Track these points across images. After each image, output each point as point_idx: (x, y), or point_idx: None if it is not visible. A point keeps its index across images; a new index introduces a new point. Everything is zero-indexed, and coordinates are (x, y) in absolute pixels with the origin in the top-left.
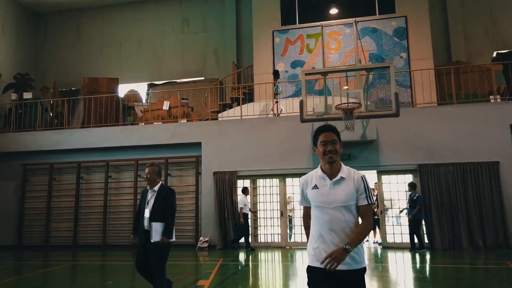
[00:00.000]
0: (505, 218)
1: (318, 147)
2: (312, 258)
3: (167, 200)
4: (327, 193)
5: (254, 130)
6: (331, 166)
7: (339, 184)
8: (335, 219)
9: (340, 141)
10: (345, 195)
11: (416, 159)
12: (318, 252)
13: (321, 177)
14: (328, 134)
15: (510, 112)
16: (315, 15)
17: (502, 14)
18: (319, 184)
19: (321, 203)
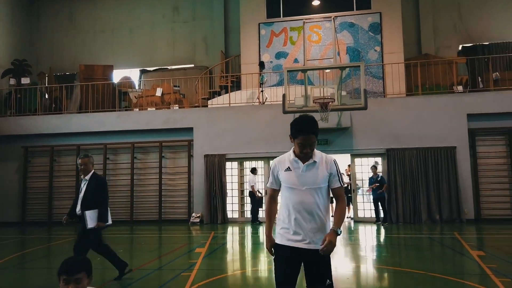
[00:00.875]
0: (459, 196)
1: (295, 145)
2: (281, 237)
3: (97, 188)
4: (300, 175)
5: (241, 117)
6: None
7: (311, 168)
8: (306, 200)
9: (317, 137)
10: (317, 178)
11: (384, 144)
12: (286, 232)
13: (294, 160)
14: (307, 138)
15: (467, 103)
16: (298, 9)
17: (469, 10)
18: (292, 167)
19: (293, 184)
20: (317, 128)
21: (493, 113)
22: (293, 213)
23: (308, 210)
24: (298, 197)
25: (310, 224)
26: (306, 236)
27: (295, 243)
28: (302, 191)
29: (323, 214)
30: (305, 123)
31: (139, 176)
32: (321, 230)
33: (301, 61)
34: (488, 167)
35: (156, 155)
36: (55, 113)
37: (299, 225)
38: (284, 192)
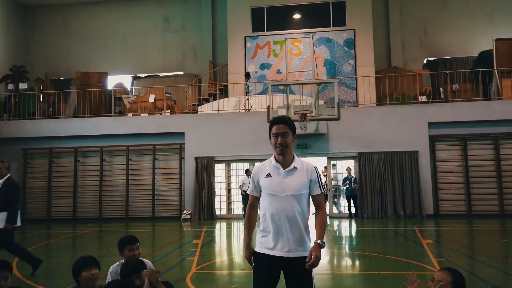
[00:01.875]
0: (421, 194)
1: (271, 139)
2: (260, 245)
3: (9, 192)
4: (280, 181)
5: (228, 123)
6: (284, 157)
7: (292, 174)
8: (285, 207)
9: (292, 133)
10: (297, 185)
11: (356, 148)
12: (266, 239)
13: (275, 166)
14: (279, 127)
15: (428, 112)
16: (281, 24)
17: (433, 27)
18: (273, 173)
19: (273, 191)
20: (291, 122)
21: (451, 122)
22: (273, 220)
23: (288, 217)
24: (278, 203)
25: (290, 231)
26: (286, 244)
27: (274, 251)
28: (283, 197)
29: (303, 221)
30: (277, 117)
31: (133, 176)
32: (301, 238)
33: (283, 72)
34: (446, 169)
35: (149, 157)
36: (54, 117)
37: (279, 233)
38: (264, 199)
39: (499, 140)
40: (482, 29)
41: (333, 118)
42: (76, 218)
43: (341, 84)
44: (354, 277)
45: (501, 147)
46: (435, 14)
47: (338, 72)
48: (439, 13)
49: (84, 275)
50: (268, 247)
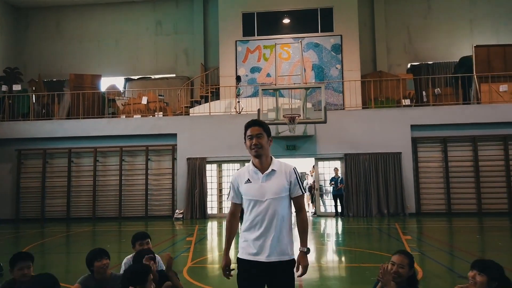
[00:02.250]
0: (403, 193)
1: (246, 142)
2: (242, 251)
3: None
4: (260, 186)
5: (220, 124)
6: (260, 160)
7: (270, 177)
8: (267, 211)
9: (267, 135)
10: (277, 187)
11: (343, 149)
12: (247, 245)
13: (253, 171)
14: (254, 129)
15: (411, 116)
16: (271, 29)
17: (417, 33)
18: (252, 178)
19: (254, 196)
20: (265, 125)
21: (432, 124)
22: (255, 225)
23: (270, 222)
24: (259, 209)
25: (272, 236)
26: (269, 249)
27: (257, 256)
28: (263, 202)
29: (285, 225)
30: (251, 120)
31: (127, 177)
32: (284, 242)
33: (273, 75)
34: (427, 169)
35: (142, 158)
36: (48, 118)
37: (261, 238)
38: (245, 205)
39: (477, 142)
40: (462, 35)
41: (320, 122)
42: (70, 218)
43: (328, 88)
44: (337, 269)
45: (479, 149)
46: (419, 21)
47: (325, 76)
48: (422, 20)
49: (96, 265)
50: (251, 253)
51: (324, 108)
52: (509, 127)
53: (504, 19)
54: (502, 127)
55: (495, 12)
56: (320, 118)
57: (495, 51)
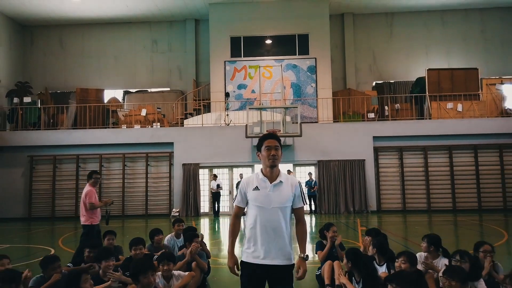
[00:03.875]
0: (367, 194)
1: (262, 152)
2: (247, 255)
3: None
4: (267, 194)
5: (211, 134)
6: (272, 170)
7: (278, 187)
8: (271, 218)
9: (281, 148)
10: (283, 197)
11: (316, 156)
12: (252, 249)
13: (262, 179)
14: (272, 141)
15: (373, 128)
16: (255, 51)
17: (381, 56)
18: (260, 186)
19: (261, 203)
20: (279, 138)
21: (391, 136)
22: (259, 230)
23: (274, 228)
24: (265, 215)
25: (275, 241)
26: (271, 253)
27: (261, 260)
28: (269, 209)
29: (287, 231)
30: (269, 133)
31: (128, 180)
32: (285, 247)
33: (257, 92)
34: (386, 174)
35: (143, 163)
36: (57, 128)
37: (265, 243)
38: (251, 211)
39: (428, 151)
40: (419, 59)
41: (296, 135)
42: (78, 216)
43: (304, 103)
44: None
45: (429, 157)
46: (382, 45)
47: (302, 93)
48: (385, 44)
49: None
50: (255, 256)
51: (300, 125)
52: (453, 138)
53: (455, 46)
54: (448, 138)
55: (447, 40)
56: (297, 132)
57: (444, 74)
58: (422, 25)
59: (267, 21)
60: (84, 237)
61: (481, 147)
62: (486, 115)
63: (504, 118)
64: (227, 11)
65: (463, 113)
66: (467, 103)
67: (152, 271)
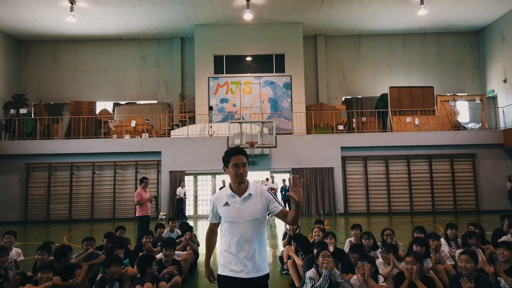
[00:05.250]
0: (335, 198)
1: (230, 169)
2: (223, 268)
3: None
4: (237, 209)
5: (196, 144)
6: (240, 185)
7: (247, 200)
8: (244, 232)
9: (248, 162)
10: (253, 210)
11: (291, 164)
12: (228, 263)
13: (230, 195)
14: (239, 157)
15: (341, 140)
16: (237, 68)
17: (349, 74)
18: (230, 201)
19: (232, 218)
20: (246, 153)
21: (356, 146)
22: (233, 245)
23: (247, 240)
24: (237, 229)
25: (249, 254)
26: (246, 266)
27: (236, 273)
28: (241, 223)
29: (261, 243)
30: (235, 148)
31: (119, 186)
32: (258, 260)
33: (238, 106)
34: (352, 180)
35: (132, 170)
36: (52, 138)
37: (240, 256)
38: (224, 226)
39: (389, 160)
40: (383, 76)
41: (272, 146)
42: (72, 220)
43: (280, 117)
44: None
45: (390, 165)
46: (351, 64)
47: (278, 107)
48: (354, 63)
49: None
50: (231, 270)
51: (275, 137)
52: (411, 149)
53: (414, 66)
54: (406, 149)
55: (408, 60)
56: (272, 144)
57: (404, 91)
58: (386, 47)
59: (247, 42)
60: (140, 226)
61: (435, 157)
62: (439, 128)
63: (455, 131)
64: (211, 32)
65: (420, 126)
66: (424, 117)
67: (155, 263)
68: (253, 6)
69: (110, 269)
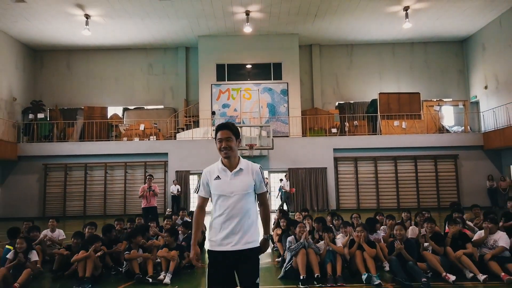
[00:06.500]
0: (328, 196)
1: (217, 143)
2: (211, 243)
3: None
4: (228, 183)
5: (200, 146)
6: (229, 160)
7: (238, 175)
8: (235, 206)
9: (236, 137)
10: (244, 185)
11: (288, 165)
12: (217, 237)
13: (222, 169)
14: (223, 132)
15: (334, 142)
16: (237, 76)
17: (342, 81)
18: (221, 175)
19: (223, 191)
20: (234, 128)
21: (348, 148)
22: (223, 218)
23: (237, 215)
24: (227, 203)
25: (238, 228)
26: (236, 239)
27: (225, 247)
28: (231, 197)
29: (251, 217)
30: (221, 124)
31: (129, 185)
32: (249, 233)
33: (238, 110)
34: (344, 179)
35: (141, 170)
36: (67, 140)
37: (229, 230)
38: (214, 200)
39: (377, 161)
40: (374, 83)
41: (269, 148)
42: (86, 215)
43: (278, 121)
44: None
45: (378, 165)
46: (344, 71)
47: (276, 112)
48: (346, 71)
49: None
50: (220, 244)
51: (272, 139)
52: (398, 150)
53: (403, 73)
54: (394, 150)
55: (397, 68)
56: (269, 146)
57: (393, 97)
58: (376, 55)
59: (247, 52)
60: (144, 216)
61: (420, 158)
62: (425, 131)
63: (439, 134)
64: (214, 42)
65: (407, 129)
66: (410, 121)
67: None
68: (252, 20)
69: (136, 239)
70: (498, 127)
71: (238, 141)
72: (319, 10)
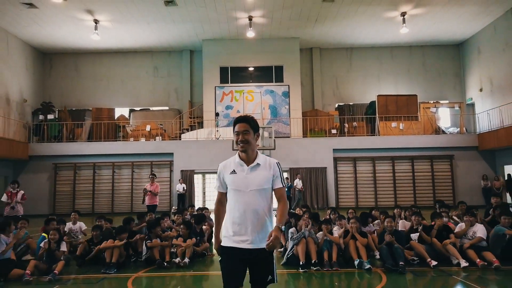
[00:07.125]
0: (328, 195)
1: (234, 137)
2: (226, 239)
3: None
4: (244, 177)
5: (204, 146)
6: (247, 154)
7: (255, 170)
8: (250, 201)
9: (254, 131)
10: (261, 180)
11: (288, 164)
12: (231, 233)
13: (239, 163)
14: (241, 125)
15: (334, 142)
16: (240, 78)
17: (342, 83)
18: (237, 170)
19: (238, 186)
20: (252, 121)
21: (347, 149)
22: (238, 214)
23: (252, 211)
24: (243, 198)
25: (253, 224)
26: (250, 237)
27: (239, 243)
28: (247, 192)
29: (266, 214)
30: (240, 116)
31: (136, 183)
32: (263, 231)
33: (241, 112)
34: (343, 178)
35: (148, 170)
36: (76, 141)
37: (243, 226)
38: (230, 195)
39: (375, 161)
40: (372, 85)
41: (271, 149)
42: (94, 213)
43: (279, 122)
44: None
45: (376, 165)
46: (343, 73)
47: (278, 113)
48: (346, 73)
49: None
50: (235, 241)
51: (274, 140)
52: (396, 151)
53: (401, 75)
54: (391, 151)
55: (395, 70)
56: (271, 146)
57: (391, 99)
58: (375, 58)
59: (250, 55)
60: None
61: (417, 158)
62: (421, 132)
63: (435, 135)
64: (217, 46)
65: (404, 131)
66: (408, 122)
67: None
68: (255, 25)
69: (155, 229)
70: (492, 129)
71: (256, 135)
72: (319, 15)
